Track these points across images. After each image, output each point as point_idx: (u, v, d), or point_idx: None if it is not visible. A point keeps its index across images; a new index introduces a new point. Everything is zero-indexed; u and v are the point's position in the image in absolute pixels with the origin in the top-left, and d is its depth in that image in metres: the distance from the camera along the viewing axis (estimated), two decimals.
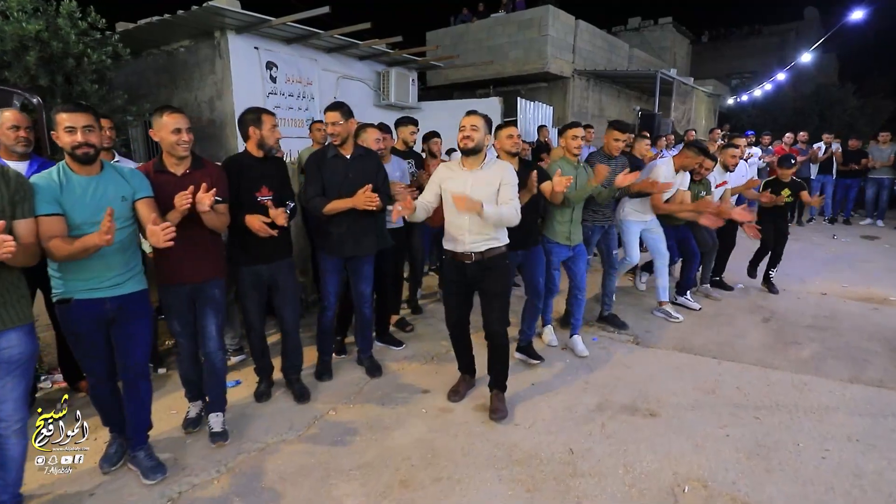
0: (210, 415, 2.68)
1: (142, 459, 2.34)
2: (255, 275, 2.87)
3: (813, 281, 5.45)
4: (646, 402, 2.96)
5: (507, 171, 2.70)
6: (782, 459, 2.42)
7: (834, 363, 3.46)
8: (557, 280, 3.63)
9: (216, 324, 2.60)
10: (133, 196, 2.21)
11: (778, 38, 22.92)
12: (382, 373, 3.35)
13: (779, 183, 5.01)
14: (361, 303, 3.29)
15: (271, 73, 6.27)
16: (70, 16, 4.28)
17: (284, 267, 2.93)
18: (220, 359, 2.66)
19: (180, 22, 5.41)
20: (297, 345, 3.09)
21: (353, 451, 2.55)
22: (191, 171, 2.45)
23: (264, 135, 2.73)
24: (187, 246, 2.38)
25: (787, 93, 16.76)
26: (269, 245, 2.77)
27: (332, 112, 3.00)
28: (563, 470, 2.36)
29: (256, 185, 2.75)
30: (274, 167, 2.86)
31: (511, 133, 3.11)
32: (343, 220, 3.03)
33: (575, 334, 3.69)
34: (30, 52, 3.99)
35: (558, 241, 3.50)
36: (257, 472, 2.40)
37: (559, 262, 3.58)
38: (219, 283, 2.60)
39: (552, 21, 10.26)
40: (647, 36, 17.79)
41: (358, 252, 3.12)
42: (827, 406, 2.90)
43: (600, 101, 12.21)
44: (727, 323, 4.24)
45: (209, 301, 2.57)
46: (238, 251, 2.82)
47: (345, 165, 3.04)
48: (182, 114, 2.40)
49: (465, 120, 2.65)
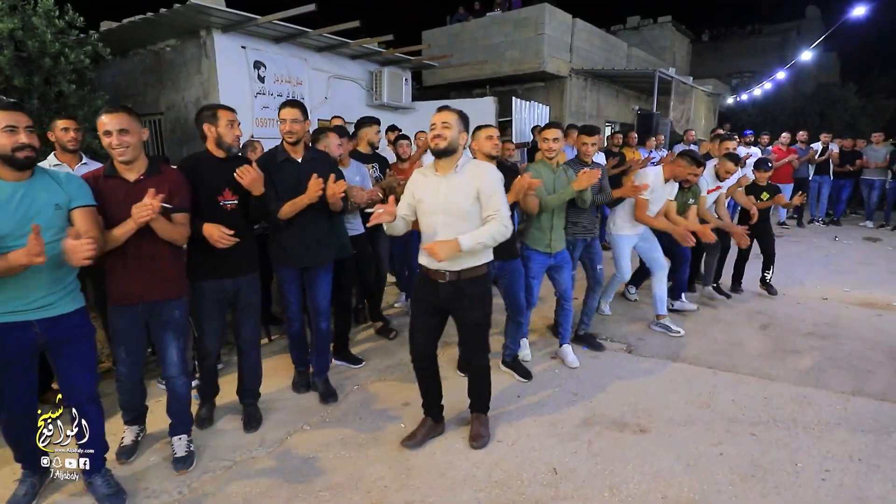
0: (173, 438, 2.46)
1: (98, 486, 2.15)
2: (218, 290, 2.60)
3: (813, 285, 5.30)
4: (636, 417, 2.82)
5: (487, 174, 2.33)
6: (779, 482, 2.27)
7: (835, 374, 3.31)
8: (536, 290, 3.38)
9: (178, 347, 2.38)
10: (68, 204, 1.98)
11: (779, 37, 22.76)
12: (338, 399, 3.04)
13: (757, 187, 4.89)
14: (318, 317, 3.02)
15: (259, 72, 6.16)
16: (46, 14, 4.16)
17: (249, 282, 2.68)
18: (183, 383, 2.43)
19: (165, 21, 5.30)
20: (253, 366, 2.80)
21: (324, 470, 2.41)
22: (145, 178, 2.20)
23: (220, 132, 2.49)
24: (141, 261, 2.21)
25: (788, 92, 16.61)
26: (233, 257, 2.54)
27: (291, 108, 2.75)
28: (544, 493, 2.22)
29: (218, 189, 2.50)
30: (237, 168, 2.58)
31: (490, 133, 2.90)
32: (294, 228, 2.80)
33: (564, 344, 3.53)
34: (3, 51, 3.86)
35: (537, 249, 3.26)
36: (222, 492, 2.26)
37: (540, 271, 3.33)
38: (179, 304, 2.38)
39: (549, 20, 10.13)
40: (647, 35, 17.64)
41: (311, 262, 2.90)
42: (828, 421, 2.75)
43: (598, 100, 12.07)
44: (724, 330, 4.10)
45: (168, 323, 2.34)
46: (198, 264, 2.56)
47: (297, 170, 2.80)
48: (122, 114, 2.10)
49: (436, 116, 2.33)
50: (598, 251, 3.68)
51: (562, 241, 3.33)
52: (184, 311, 2.42)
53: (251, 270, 2.69)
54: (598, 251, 3.67)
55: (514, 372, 3.28)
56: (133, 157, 2.14)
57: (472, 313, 2.42)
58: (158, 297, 2.29)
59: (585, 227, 3.56)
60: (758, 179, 4.88)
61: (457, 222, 2.29)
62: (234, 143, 2.57)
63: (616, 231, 3.97)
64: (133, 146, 2.12)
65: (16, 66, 3.98)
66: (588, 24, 11.37)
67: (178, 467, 2.39)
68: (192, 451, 2.46)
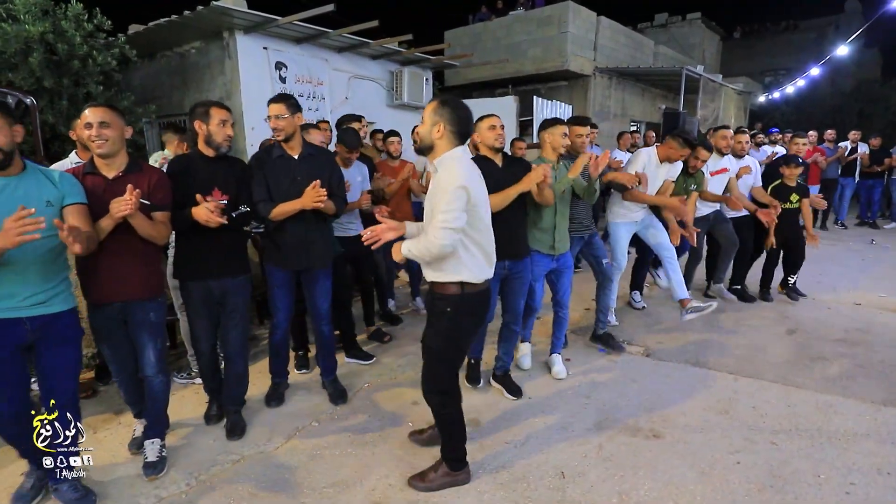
0: (146, 441, 2.40)
1: (65, 492, 2.10)
2: (205, 291, 2.55)
3: (847, 290, 5.06)
4: (650, 422, 2.73)
5: (445, 174, 1.96)
6: (800, 493, 2.16)
7: (865, 382, 3.14)
8: (540, 294, 3.19)
9: (154, 348, 2.33)
10: (61, 201, 1.97)
11: (816, 32, 21.89)
12: (347, 399, 3.00)
13: (785, 188, 4.58)
14: (319, 320, 2.95)
15: (280, 73, 6.23)
16: (76, 18, 4.31)
17: (236, 285, 2.60)
18: (160, 382, 2.39)
19: (189, 23, 5.41)
20: (240, 373, 2.74)
21: (330, 466, 2.41)
22: (124, 175, 2.18)
23: (211, 130, 2.43)
24: (114, 260, 2.17)
25: (825, 90, 15.99)
26: (219, 259, 2.51)
27: (275, 104, 2.63)
28: (550, 496, 2.17)
29: (207, 188, 2.44)
30: (228, 167, 2.56)
31: (493, 123, 2.71)
32: (292, 227, 2.70)
33: (555, 353, 3.34)
34: (34, 53, 4.02)
35: (540, 251, 3.07)
36: (230, 486, 2.28)
37: (542, 273, 3.14)
38: (155, 305, 2.33)
39: (572, 18, 9.99)
40: (675, 32, 17.24)
41: (309, 264, 2.80)
42: (855, 432, 2.61)
43: (623, 99, 11.85)
44: (748, 335, 3.94)
45: (143, 325, 2.29)
46: (183, 264, 2.54)
47: (292, 166, 2.69)
48: (105, 108, 2.12)
49: None
50: (600, 245, 3.56)
51: (566, 242, 3.17)
52: (160, 312, 2.37)
53: (239, 273, 2.62)
54: (599, 245, 3.55)
55: (504, 388, 3.05)
56: (111, 151, 2.13)
57: (427, 330, 2.15)
58: (132, 298, 2.25)
59: (581, 223, 3.42)
60: (787, 178, 4.59)
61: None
62: (224, 143, 2.49)
63: (613, 219, 3.85)
64: (112, 140, 2.10)
65: (46, 68, 4.14)
66: (613, 22, 11.17)
67: (148, 473, 2.31)
68: (163, 456, 2.39)
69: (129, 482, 2.30)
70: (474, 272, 2.04)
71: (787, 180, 4.60)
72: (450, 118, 1.96)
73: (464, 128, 2.01)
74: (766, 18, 24.29)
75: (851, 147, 8.19)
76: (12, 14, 4.08)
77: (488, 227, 2.09)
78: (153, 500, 2.19)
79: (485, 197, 2.07)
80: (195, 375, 3.26)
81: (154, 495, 2.22)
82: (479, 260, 2.05)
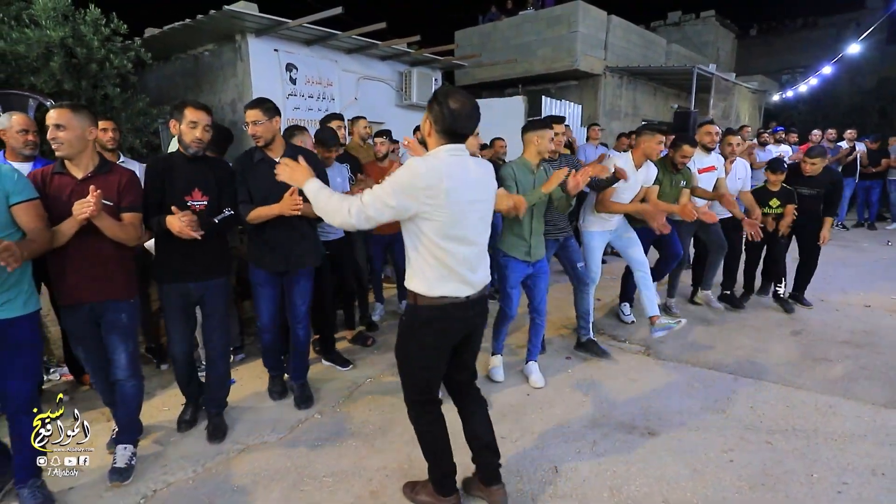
0: (117, 446, 2.34)
1: (26, 498, 2.07)
2: (182, 294, 2.50)
3: (856, 292, 5.00)
4: (646, 420, 2.76)
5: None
6: (791, 492, 2.18)
7: (868, 384, 3.13)
8: (516, 301, 3.11)
9: (126, 351, 2.28)
10: (7, 200, 1.91)
11: (836, 29, 21.48)
12: (313, 403, 2.96)
13: (767, 192, 4.35)
14: (296, 322, 2.90)
15: (291, 74, 6.35)
16: (94, 23, 4.45)
17: (216, 287, 2.56)
18: (132, 386, 2.34)
19: (203, 26, 5.55)
20: (221, 376, 2.69)
21: (331, 457, 2.49)
22: (93, 175, 2.16)
23: (182, 129, 2.36)
24: (84, 261, 2.14)
25: (844, 88, 15.67)
26: (198, 260, 2.46)
27: (252, 109, 2.58)
28: (543, 490, 2.22)
29: (187, 188, 2.42)
30: (209, 168, 2.50)
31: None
32: (272, 229, 2.66)
33: (531, 360, 3.24)
34: (55, 57, 4.16)
35: (516, 257, 2.98)
36: (234, 473, 2.37)
37: (517, 280, 3.04)
38: (127, 306, 2.28)
39: (582, 17, 9.97)
40: (688, 30, 17.06)
41: (288, 266, 2.76)
42: (853, 433, 2.61)
43: (634, 99, 11.78)
44: (751, 336, 3.93)
45: (114, 327, 2.25)
46: (161, 266, 2.49)
47: (273, 170, 2.62)
48: (64, 110, 2.09)
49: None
50: (575, 249, 3.42)
51: (542, 249, 3.06)
52: (132, 314, 2.33)
53: (219, 275, 2.58)
54: (574, 249, 3.41)
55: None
56: (68, 153, 2.10)
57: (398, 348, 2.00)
58: (103, 299, 2.22)
59: (557, 226, 3.29)
60: (770, 183, 4.35)
61: None
62: (193, 145, 2.40)
63: (585, 227, 3.62)
64: (68, 143, 2.08)
65: (66, 71, 4.28)
66: (624, 21, 11.11)
67: (112, 478, 2.25)
68: (132, 464, 2.34)
69: (140, 467, 2.40)
70: (424, 285, 1.83)
71: (771, 185, 4.37)
72: (436, 114, 1.76)
73: (451, 125, 1.75)
74: (784, 15, 23.87)
75: (849, 147, 8.07)
76: (34, 19, 4.22)
77: (467, 240, 1.83)
78: (161, 484, 2.29)
79: (473, 209, 1.82)
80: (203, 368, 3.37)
81: (162, 480, 2.32)
82: (435, 273, 1.81)
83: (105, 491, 2.25)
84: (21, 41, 4.02)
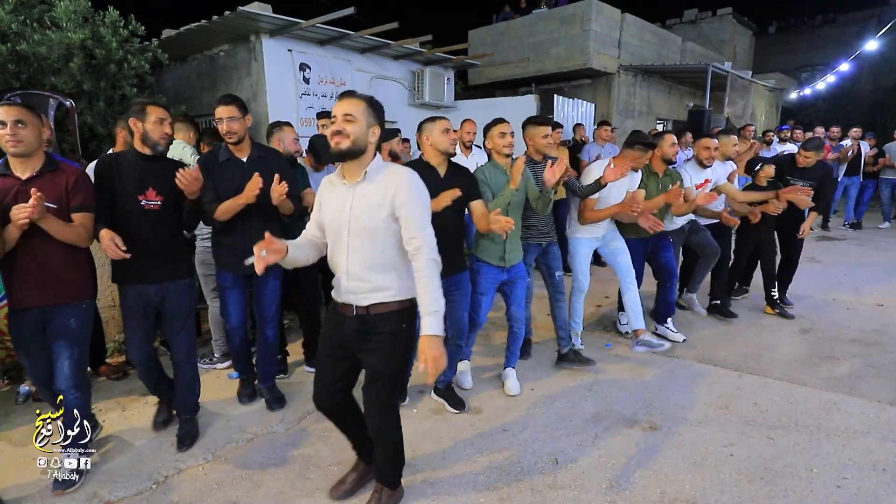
0: (64, 453, 2.22)
1: None
2: (140, 297, 2.40)
3: (869, 291, 4.94)
4: (648, 415, 2.78)
5: (405, 184, 1.78)
6: (789, 485, 2.19)
7: (874, 382, 3.10)
8: (486, 308, 2.92)
9: (71, 359, 2.20)
10: None
11: (857, 26, 21.02)
12: (286, 404, 2.93)
13: (755, 189, 4.18)
14: (264, 324, 2.85)
15: (304, 74, 6.46)
16: (113, 24, 4.60)
17: (178, 289, 2.46)
18: (75, 398, 2.23)
19: (218, 27, 5.67)
20: (189, 380, 2.60)
21: (336, 447, 2.55)
22: (39, 175, 2.09)
23: (147, 128, 2.30)
24: (32, 264, 2.08)
25: (866, 86, 15.34)
26: (157, 262, 2.37)
27: (225, 106, 2.51)
28: (542, 480, 2.26)
29: (141, 188, 2.32)
30: (168, 167, 2.37)
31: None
32: (241, 229, 2.60)
33: (508, 367, 3.12)
34: (74, 59, 4.31)
35: (490, 262, 2.84)
36: (242, 462, 2.45)
37: (490, 286, 2.89)
38: (76, 311, 2.22)
39: (595, 15, 9.94)
40: (705, 28, 16.84)
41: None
42: (855, 430, 2.60)
43: (648, 97, 11.69)
44: (759, 333, 3.92)
45: (62, 332, 2.18)
46: (120, 267, 2.35)
47: (240, 170, 2.56)
48: (19, 107, 2.04)
49: (337, 106, 1.76)
50: (556, 256, 3.26)
51: (518, 253, 2.92)
52: (83, 319, 2.26)
53: (181, 277, 2.49)
54: (555, 256, 3.25)
55: (446, 402, 2.88)
56: (26, 151, 2.04)
57: (379, 358, 1.87)
58: (50, 303, 2.16)
59: (539, 231, 3.14)
60: (758, 179, 4.19)
61: (367, 245, 1.79)
62: (161, 142, 2.36)
63: (571, 234, 3.45)
64: (28, 141, 2.03)
65: (85, 72, 4.44)
66: (638, 19, 11.04)
67: (55, 487, 2.18)
68: (72, 478, 2.22)
69: (152, 454, 2.50)
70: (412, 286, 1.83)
71: (759, 181, 4.20)
72: (379, 121, 1.80)
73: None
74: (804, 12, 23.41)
75: (854, 145, 7.94)
76: (56, 22, 4.38)
77: None
78: (173, 471, 2.38)
79: None
80: (216, 360, 3.46)
81: (174, 467, 2.41)
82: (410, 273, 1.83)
83: (118, 476, 2.35)
84: (43, 43, 4.18)
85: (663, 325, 3.81)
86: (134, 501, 2.19)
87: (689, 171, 3.77)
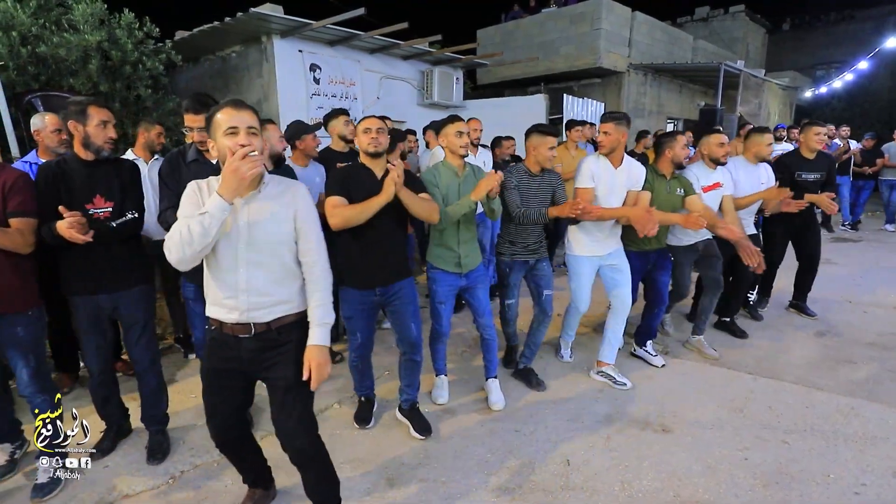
0: (40, 459, 2.15)
1: None
2: (92, 307, 2.27)
3: (887, 293, 4.86)
4: (661, 417, 2.77)
5: (304, 199, 1.74)
6: (805, 491, 2.16)
7: (893, 387, 3.05)
8: (447, 317, 2.78)
9: (27, 366, 2.15)
10: None
11: (873, 23, 20.68)
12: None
13: None
14: None
15: (315, 74, 6.49)
16: (128, 27, 4.65)
17: (131, 297, 2.32)
18: (42, 401, 2.19)
19: (230, 29, 5.72)
20: (154, 390, 2.48)
21: (348, 444, 2.57)
22: None
23: (90, 132, 2.13)
24: None
25: (884, 83, 15.11)
26: (106, 270, 2.23)
27: (195, 115, 2.39)
28: (554, 482, 2.25)
29: (87, 195, 2.17)
30: (112, 171, 2.24)
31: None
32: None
33: (491, 377, 2.97)
34: (91, 60, 4.37)
35: (445, 269, 2.70)
36: None
37: (449, 294, 2.74)
38: (21, 319, 2.13)
39: (605, 14, 9.88)
40: (717, 26, 16.65)
41: None
42: (874, 435, 2.56)
43: (659, 96, 11.60)
44: (773, 336, 3.87)
45: (10, 342, 2.12)
46: (67, 277, 2.24)
47: (209, 172, 2.46)
48: None
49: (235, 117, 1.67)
50: (546, 274, 3.06)
51: (476, 258, 2.77)
52: (30, 327, 2.17)
53: (134, 284, 2.34)
54: (545, 274, 3.06)
55: (410, 424, 2.66)
56: None
57: (288, 367, 1.75)
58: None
59: (528, 247, 2.98)
60: None
61: (268, 259, 1.69)
62: (106, 146, 2.19)
63: (571, 251, 3.15)
64: None
65: (102, 73, 4.49)
66: (649, 17, 10.96)
67: (33, 495, 2.13)
68: (55, 477, 2.18)
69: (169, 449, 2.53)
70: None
71: None
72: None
73: None
74: (818, 9, 23.06)
75: (845, 145, 7.82)
76: (73, 24, 4.44)
77: None
78: (188, 466, 2.41)
79: None
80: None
81: (189, 462, 2.44)
82: None
83: (136, 471, 2.38)
84: (61, 45, 4.24)
85: (642, 347, 3.48)
86: (151, 495, 2.23)
87: (697, 172, 3.40)
